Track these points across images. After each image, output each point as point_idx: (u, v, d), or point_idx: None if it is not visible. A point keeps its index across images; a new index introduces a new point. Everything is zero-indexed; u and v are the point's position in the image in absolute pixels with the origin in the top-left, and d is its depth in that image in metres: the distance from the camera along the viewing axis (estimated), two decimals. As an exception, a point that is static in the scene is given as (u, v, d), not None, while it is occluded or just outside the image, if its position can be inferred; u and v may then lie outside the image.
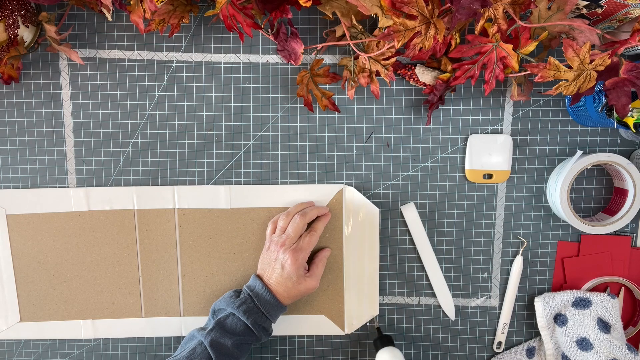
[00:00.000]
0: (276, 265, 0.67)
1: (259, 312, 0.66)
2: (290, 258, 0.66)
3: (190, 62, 0.72)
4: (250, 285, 0.68)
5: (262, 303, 0.66)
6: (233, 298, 0.67)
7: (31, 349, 0.78)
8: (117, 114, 0.73)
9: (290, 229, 0.68)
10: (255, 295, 0.67)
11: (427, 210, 0.74)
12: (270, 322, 0.68)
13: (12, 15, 0.63)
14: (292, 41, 0.68)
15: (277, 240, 0.68)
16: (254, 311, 0.66)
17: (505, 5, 0.57)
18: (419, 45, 0.58)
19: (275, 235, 0.69)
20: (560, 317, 0.73)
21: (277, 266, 0.67)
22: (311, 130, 0.73)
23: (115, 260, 0.75)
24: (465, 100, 0.72)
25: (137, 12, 0.60)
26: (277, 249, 0.67)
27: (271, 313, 0.67)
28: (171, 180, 0.75)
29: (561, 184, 0.68)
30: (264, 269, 0.69)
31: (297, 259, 0.66)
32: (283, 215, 0.70)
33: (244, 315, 0.65)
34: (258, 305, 0.66)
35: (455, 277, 0.76)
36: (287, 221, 0.69)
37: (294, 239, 0.68)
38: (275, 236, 0.69)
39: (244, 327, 0.65)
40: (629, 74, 0.56)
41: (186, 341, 0.67)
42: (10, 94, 0.73)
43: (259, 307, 0.66)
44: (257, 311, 0.66)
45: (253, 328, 0.65)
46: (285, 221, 0.69)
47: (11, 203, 0.74)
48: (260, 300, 0.66)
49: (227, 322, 0.65)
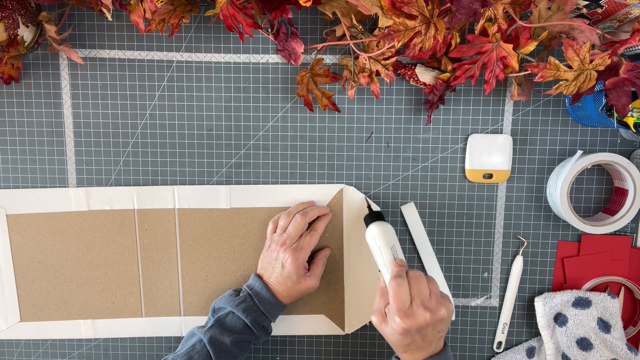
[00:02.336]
0: (276, 264, 0.67)
1: (258, 311, 0.66)
2: (290, 257, 0.66)
3: (190, 62, 0.72)
4: (250, 284, 0.68)
5: (261, 302, 0.66)
6: (233, 297, 0.68)
7: (31, 349, 0.78)
8: (117, 113, 0.73)
9: (291, 228, 0.68)
10: (254, 294, 0.67)
11: (427, 210, 0.74)
12: (270, 321, 0.68)
13: (12, 15, 0.63)
14: (292, 41, 0.68)
15: (277, 240, 0.68)
16: (253, 310, 0.66)
17: (505, 5, 0.57)
18: (419, 45, 0.58)
19: (276, 234, 0.69)
20: (561, 317, 0.73)
21: (277, 265, 0.67)
22: (311, 130, 0.73)
23: (115, 260, 0.75)
24: (465, 100, 0.72)
25: (137, 12, 0.60)
26: (278, 248, 0.67)
27: (271, 312, 0.67)
28: (171, 180, 0.75)
29: (561, 184, 0.68)
30: (264, 268, 0.69)
31: (297, 258, 0.66)
32: (284, 215, 0.70)
33: (243, 313, 0.65)
34: (257, 304, 0.66)
35: (455, 277, 0.76)
36: (288, 220, 0.69)
37: (294, 239, 0.68)
38: (275, 235, 0.69)
39: (243, 325, 0.65)
40: (629, 73, 0.56)
41: (186, 339, 0.67)
42: (10, 94, 0.73)
43: (259, 306, 0.66)
44: (256, 310, 0.66)
45: (252, 327, 0.65)
46: (286, 220, 0.69)
47: (11, 203, 0.74)
48: (259, 299, 0.66)
49: (227, 321, 0.66)
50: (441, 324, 0.58)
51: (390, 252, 0.63)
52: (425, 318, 0.56)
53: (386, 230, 0.66)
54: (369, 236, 0.66)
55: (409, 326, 0.55)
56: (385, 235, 0.65)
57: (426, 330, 0.57)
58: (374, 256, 0.66)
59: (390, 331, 0.58)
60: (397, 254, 0.63)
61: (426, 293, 0.57)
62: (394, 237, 0.66)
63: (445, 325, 0.59)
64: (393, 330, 0.57)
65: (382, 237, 0.65)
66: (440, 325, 0.58)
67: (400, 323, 0.56)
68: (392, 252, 0.63)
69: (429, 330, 0.57)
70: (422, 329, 0.56)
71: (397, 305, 0.56)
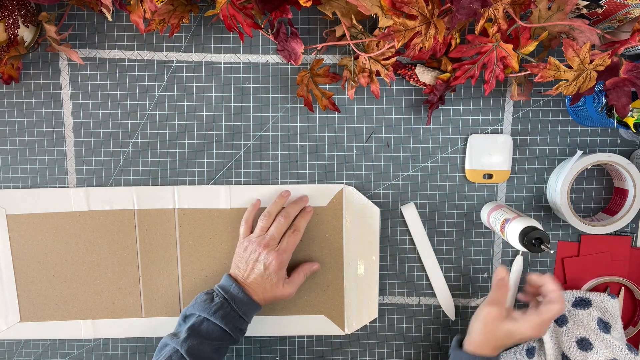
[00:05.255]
0: (257, 265, 0.66)
1: (236, 316, 0.65)
2: (275, 260, 0.66)
3: (190, 62, 0.72)
4: (225, 287, 0.66)
5: (239, 305, 0.65)
6: (207, 303, 0.65)
7: (31, 349, 0.78)
8: (117, 114, 0.73)
9: (274, 229, 0.68)
10: (231, 297, 0.65)
11: (427, 210, 0.74)
12: (247, 323, 0.67)
13: (12, 15, 0.63)
14: (292, 41, 0.68)
15: (258, 241, 0.67)
16: (232, 316, 0.64)
17: (505, 5, 0.57)
18: (419, 45, 0.58)
19: (255, 235, 0.69)
20: (561, 317, 0.73)
21: (258, 266, 0.66)
22: (311, 130, 0.73)
23: (115, 260, 0.75)
24: (465, 100, 0.72)
25: (137, 12, 0.60)
26: (260, 249, 0.66)
27: (247, 314, 0.66)
28: (171, 180, 0.75)
29: (561, 184, 0.68)
30: (240, 268, 0.68)
31: (281, 260, 0.66)
32: (263, 216, 0.69)
33: (222, 320, 0.63)
34: (235, 309, 0.65)
35: (455, 277, 0.76)
36: (268, 222, 0.69)
37: (277, 240, 0.68)
38: (254, 236, 0.68)
39: (220, 331, 0.64)
40: (629, 74, 0.56)
41: (159, 349, 0.65)
42: (10, 94, 0.73)
43: (237, 311, 0.65)
44: (234, 315, 0.65)
45: (231, 332, 0.64)
46: (266, 221, 0.69)
47: (11, 203, 0.74)
48: (236, 302, 0.65)
49: (202, 328, 0.63)
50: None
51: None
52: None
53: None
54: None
55: (561, 309, 0.62)
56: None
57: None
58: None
59: (523, 322, 0.62)
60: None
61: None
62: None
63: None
64: (543, 318, 0.62)
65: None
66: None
67: (559, 309, 0.62)
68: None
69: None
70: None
71: (558, 288, 0.63)
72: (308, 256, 0.74)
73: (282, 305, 0.76)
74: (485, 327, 0.63)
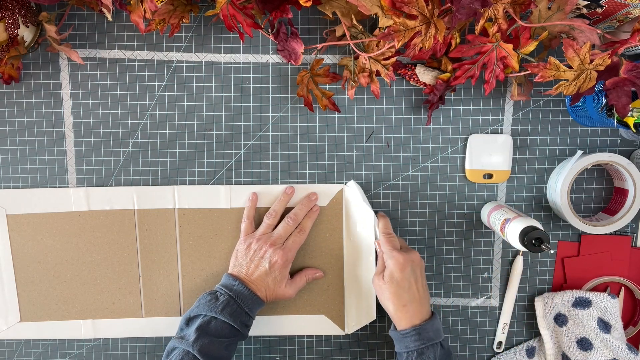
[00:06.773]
0: (262, 262, 0.67)
1: (242, 312, 0.66)
2: (280, 258, 0.67)
3: (190, 62, 0.72)
4: (228, 285, 0.67)
5: (244, 302, 0.66)
6: (213, 302, 0.65)
7: (31, 349, 0.78)
8: (117, 114, 0.73)
9: (282, 229, 0.69)
10: (235, 294, 0.66)
11: (427, 210, 0.74)
12: (252, 319, 0.68)
13: (12, 15, 0.63)
14: (292, 41, 0.68)
15: (265, 239, 0.68)
16: (238, 312, 0.65)
17: (505, 5, 0.57)
18: (419, 45, 0.58)
19: (259, 232, 0.70)
20: (561, 317, 0.73)
21: (263, 264, 0.67)
22: (311, 130, 0.73)
23: (115, 260, 0.75)
24: (465, 100, 0.72)
25: (137, 12, 0.60)
26: (266, 247, 0.68)
27: (252, 310, 0.67)
28: (171, 180, 0.75)
29: (561, 184, 0.68)
30: (242, 266, 0.69)
31: (287, 259, 0.68)
32: (269, 214, 0.71)
33: (230, 317, 0.64)
34: (241, 305, 0.66)
35: (455, 277, 0.76)
36: (274, 220, 0.70)
37: (283, 239, 0.69)
38: (259, 233, 0.70)
39: (229, 328, 0.64)
40: (629, 73, 0.56)
41: (167, 354, 0.65)
42: (10, 94, 0.73)
43: (242, 307, 0.66)
44: (240, 311, 0.65)
45: (239, 328, 0.65)
46: (272, 220, 0.70)
47: (11, 203, 0.74)
48: (241, 298, 0.66)
49: (211, 327, 0.64)
50: (422, 271, 0.67)
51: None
52: (416, 254, 0.67)
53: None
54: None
55: (405, 259, 0.65)
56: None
57: (417, 273, 0.66)
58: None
59: (390, 284, 0.65)
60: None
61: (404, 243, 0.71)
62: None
63: (424, 275, 0.68)
64: (391, 273, 0.65)
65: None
66: (422, 273, 0.67)
67: (398, 257, 0.65)
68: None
69: (418, 273, 0.66)
70: (415, 269, 0.65)
71: (392, 245, 0.67)
72: (308, 255, 0.74)
73: (282, 305, 0.76)
74: (383, 296, 0.66)
